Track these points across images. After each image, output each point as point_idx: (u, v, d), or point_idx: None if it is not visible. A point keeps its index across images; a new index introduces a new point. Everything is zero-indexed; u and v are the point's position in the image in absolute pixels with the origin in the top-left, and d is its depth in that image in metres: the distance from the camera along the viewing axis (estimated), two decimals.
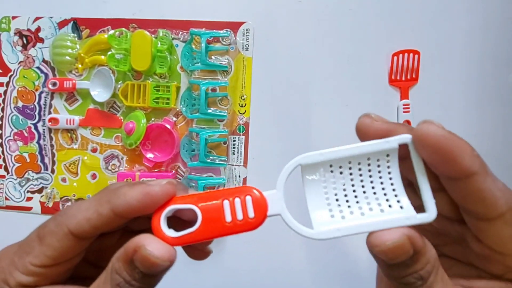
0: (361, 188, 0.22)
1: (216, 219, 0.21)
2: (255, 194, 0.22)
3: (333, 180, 0.22)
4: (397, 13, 0.55)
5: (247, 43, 0.56)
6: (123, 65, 0.55)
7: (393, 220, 0.20)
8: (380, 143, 0.21)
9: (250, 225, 0.21)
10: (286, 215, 0.21)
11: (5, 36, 0.59)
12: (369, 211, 0.21)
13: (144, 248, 0.20)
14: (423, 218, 0.20)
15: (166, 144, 0.56)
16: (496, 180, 0.20)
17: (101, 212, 0.21)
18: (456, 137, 0.19)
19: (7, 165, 0.59)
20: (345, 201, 0.22)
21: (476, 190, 0.19)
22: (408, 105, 0.55)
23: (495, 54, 0.55)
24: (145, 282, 0.20)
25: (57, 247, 0.21)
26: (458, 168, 0.19)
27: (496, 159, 0.55)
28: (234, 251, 0.56)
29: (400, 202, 0.21)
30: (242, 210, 0.21)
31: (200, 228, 0.21)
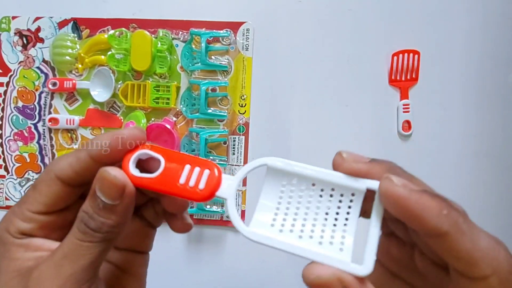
0: (313, 214, 0.21)
1: (172, 176, 0.22)
2: (214, 171, 0.22)
3: (290, 194, 0.22)
4: (397, 13, 0.55)
5: (247, 43, 0.56)
6: (123, 65, 0.55)
7: (325, 256, 0.20)
8: (349, 180, 0.21)
9: (196, 195, 0.22)
10: (231, 202, 0.22)
11: (5, 36, 0.59)
12: (308, 238, 0.21)
13: (103, 170, 0.22)
14: (354, 269, 0.19)
15: (166, 144, 0.56)
16: (478, 238, 0.18)
17: (80, 156, 0.23)
18: (420, 196, 0.18)
19: (7, 165, 0.59)
20: (292, 218, 0.21)
21: (449, 249, 0.18)
22: (408, 105, 0.55)
23: (495, 54, 0.55)
24: (106, 216, 0.22)
25: (48, 193, 0.23)
26: (424, 228, 0.18)
27: (496, 159, 0.55)
28: (234, 251, 0.56)
29: (343, 243, 0.20)
30: (196, 179, 0.22)
31: (157, 178, 0.23)
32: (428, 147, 0.55)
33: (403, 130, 0.55)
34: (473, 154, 0.55)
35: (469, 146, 0.55)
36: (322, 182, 0.21)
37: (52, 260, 0.21)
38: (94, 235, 0.21)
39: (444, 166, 0.54)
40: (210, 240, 0.56)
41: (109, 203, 0.21)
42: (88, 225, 0.21)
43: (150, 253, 0.29)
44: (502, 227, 0.54)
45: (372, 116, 0.55)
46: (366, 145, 0.55)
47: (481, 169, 0.55)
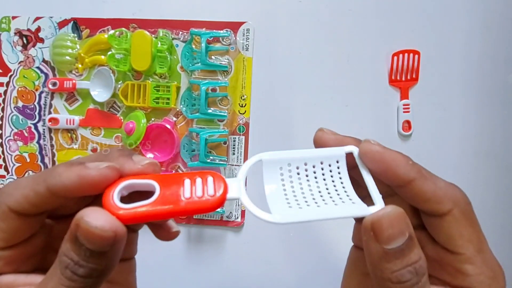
0: (316, 186, 0.24)
1: (173, 194, 0.20)
2: (217, 175, 0.22)
3: (290, 178, 0.24)
4: (397, 13, 0.55)
5: (247, 43, 0.56)
6: (123, 65, 0.55)
7: (348, 209, 0.22)
8: (329, 150, 0.24)
9: (207, 203, 0.20)
10: (245, 199, 0.22)
11: (5, 36, 0.59)
12: (324, 204, 0.23)
13: (82, 220, 0.18)
14: (373, 210, 0.21)
15: (166, 144, 0.56)
16: (437, 181, 0.22)
17: (37, 190, 0.20)
18: (391, 151, 0.22)
19: (7, 165, 0.59)
20: (302, 196, 0.23)
21: (418, 193, 0.22)
22: (408, 105, 0.55)
23: (495, 54, 0.55)
24: (96, 262, 0.19)
25: (4, 228, 0.20)
26: (396, 177, 0.22)
27: (496, 159, 0.55)
28: (234, 251, 0.56)
29: (351, 198, 0.23)
30: (202, 188, 0.21)
31: (156, 202, 0.20)
32: (428, 147, 0.55)
33: (403, 130, 0.55)
34: (473, 154, 0.55)
35: (469, 146, 0.55)
36: (310, 159, 0.24)
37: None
38: (85, 281, 0.19)
39: (444, 166, 0.54)
40: (210, 240, 0.56)
41: (97, 251, 0.19)
42: (76, 273, 0.19)
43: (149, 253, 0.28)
44: (502, 227, 0.54)
45: (372, 116, 0.55)
46: None
47: (481, 169, 0.55)
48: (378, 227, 0.20)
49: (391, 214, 0.20)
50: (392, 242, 0.19)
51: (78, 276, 0.19)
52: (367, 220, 0.20)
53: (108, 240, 0.18)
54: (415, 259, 0.20)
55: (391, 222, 0.20)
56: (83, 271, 0.19)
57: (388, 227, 0.20)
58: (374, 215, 0.20)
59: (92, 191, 0.20)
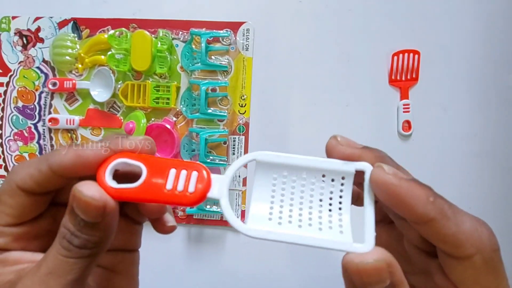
0: (308, 202, 0.21)
1: (157, 183, 0.21)
2: (202, 172, 0.21)
3: (283, 186, 0.22)
4: (397, 13, 0.55)
5: (247, 43, 0.56)
6: (123, 65, 0.55)
7: (328, 241, 0.20)
8: (337, 164, 0.21)
9: (187, 199, 0.21)
10: (225, 202, 0.21)
11: (5, 36, 0.59)
12: (308, 226, 0.21)
13: (76, 190, 0.20)
14: (357, 248, 0.19)
15: (166, 144, 0.56)
16: (462, 221, 0.19)
17: (41, 169, 0.22)
18: (409, 184, 0.19)
19: (7, 165, 0.59)
20: (288, 209, 0.21)
21: (435, 233, 0.19)
22: (408, 105, 0.55)
23: (495, 54, 0.55)
24: (89, 233, 0.20)
25: (13, 204, 0.22)
26: (412, 214, 0.19)
27: (496, 159, 0.55)
28: (234, 251, 0.56)
29: (342, 226, 0.21)
30: (184, 183, 0.21)
31: (140, 187, 0.21)
32: (428, 147, 0.55)
33: (403, 130, 0.55)
34: (473, 154, 0.55)
35: (469, 146, 0.55)
36: (312, 169, 0.21)
37: (36, 275, 0.20)
38: (80, 252, 0.20)
39: (444, 166, 0.54)
40: (210, 240, 0.56)
41: (90, 221, 0.20)
42: (71, 243, 0.20)
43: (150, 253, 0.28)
44: (502, 227, 0.54)
45: (372, 116, 0.55)
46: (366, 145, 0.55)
47: (481, 169, 0.55)
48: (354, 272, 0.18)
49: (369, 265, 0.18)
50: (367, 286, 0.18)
51: (74, 246, 0.20)
52: (343, 260, 0.19)
53: (98, 209, 0.20)
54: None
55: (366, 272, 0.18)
56: (78, 241, 0.20)
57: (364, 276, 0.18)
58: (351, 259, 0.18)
59: (88, 170, 0.22)
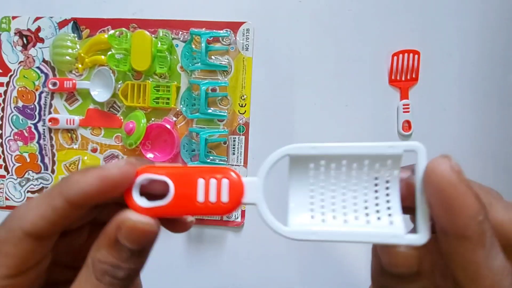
0: (351, 194, 0.20)
1: (188, 196, 0.20)
2: (233, 178, 0.20)
3: (322, 179, 0.20)
4: (397, 13, 0.55)
5: (247, 43, 0.56)
6: (123, 65, 0.55)
7: (378, 234, 0.18)
8: (383, 146, 0.19)
9: (222, 209, 0.20)
10: (262, 206, 0.20)
11: (5, 36, 0.59)
12: (354, 220, 0.19)
13: (128, 220, 0.19)
14: (411, 240, 0.18)
15: (166, 144, 0.56)
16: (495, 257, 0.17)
17: (55, 205, 0.19)
18: (467, 190, 0.17)
19: (7, 165, 0.59)
20: (331, 204, 0.20)
21: (461, 256, 0.17)
22: (408, 105, 0.55)
23: (495, 54, 0.55)
24: (135, 261, 0.19)
25: (17, 254, 0.19)
26: (451, 222, 0.17)
27: (496, 159, 0.55)
28: (234, 251, 0.56)
29: (391, 217, 0.19)
30: (216, 192, 0.20)
31: (171, 203, 0.20)
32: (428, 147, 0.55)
33: (403, 130, 0.55)
34: (473, 154, 0.55)
35: (469, 146, 0.55)
36: (353, 158, 0.19)
37: None
38: (123, 284, 0.19)
39: None
40: (210, 240, 0.56)
41: (138, 249, 0.19)
42: (116, 277, 0.19)
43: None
44: None
45: (372, 116, 0.55)
46: None
47: (481, 169, 0.55)
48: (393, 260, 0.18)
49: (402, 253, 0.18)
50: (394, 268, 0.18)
51: (118, 279, 0.19)
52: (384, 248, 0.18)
53: (153, 234, 0.19)
54: None
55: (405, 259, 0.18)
56: (123, 273, 0.19)
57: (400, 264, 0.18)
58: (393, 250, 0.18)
59: (114, 192, 0.20)
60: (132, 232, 0.19)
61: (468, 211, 0.17)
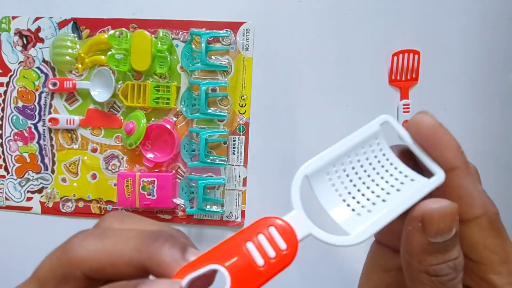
0: (368, 177, 0.22)
1: (246, 268, 0.18)
2: (278, 223, 0.19)
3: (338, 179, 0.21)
4: (397, 13, 0.55)
5: (247, 43, 0.56)
6: (123, 65, 0.55)
7: (413, 193, 0.20)
8: (362, 131, 0.22)
9: (286, 259, 0.18)
10: (317, 232, 0.19)
11: (5, 36, 0.59)
12: (387, 195, 0.21)
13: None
14: (437, 180, 0.20)
15: (166, 144, 0.56)
16: (476, 183, 0.21)
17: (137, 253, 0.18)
18: (446, 131, 0.21)
19: (7, 165, 0.59)
20: (361, 194, 0.21)
21: (455, 185, 0.20)
22: (408, 105, 0.55)
23: (495, 54, 0.55)
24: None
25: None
26: (442, 158, 0.20)
27: (496, 159, 0.55)
28: None
29: (407, 176, 0.21)
30: (271, 246, 0.18)
31: (234, 281, 0.18)
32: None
33: None
34: (473, 154, 0.55)
35: (469, 146, 0.55)
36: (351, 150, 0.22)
37: None
38: None
39: None
40: (210, 240, 0.56)
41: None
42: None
43: None
44: None
45: (372, 116, 0.55)
46: None
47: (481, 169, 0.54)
48: (429, 220, 0.19)
49: (445, 208, 0.19)
50: (439, 237, 0.19)
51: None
52: (418, 210, 0.19)
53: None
54: (455, 255, 0.19)
55: (443, 216, 0.19)
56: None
57: (439, 221, 0.19)
58: (427, 207, 0.19)
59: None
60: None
61: (454, 144, 0.21)
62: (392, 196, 0.21)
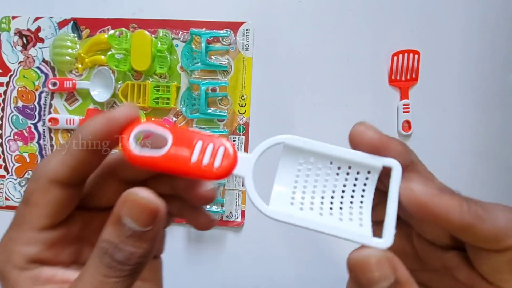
0: (331, 191, 0.21)
1: (183, 154, 0.20)
2: (229, 148, 0.21)
3: (308, 172, 0.21)
4: (397, 13, 0.55)
5: (247, 43, 0.56)
6: (123, 65, 0.55)
7: (347, 231, 0.20)
8: (365, 157, 0.21)
9: (212, 174, 0.20)
10: (249, 180, 0.21)
11: (5, 36, 0.59)
12: (328, 214, 0.21)
13: (132, 193, 0.19)
14: (376, 243, 0.19)
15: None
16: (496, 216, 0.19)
17: (72, 151, 0.20)
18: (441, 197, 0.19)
19: (7, 165, 0.59)
20: (311, 196, 0.21)
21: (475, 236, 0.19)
22: (408, 105, 0.55)
23: (495, 54, 0.55)
24: (135, 244, 0.19)
25: (47, 202, 0.20)
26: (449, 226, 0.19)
27: (496, 159, 0.55)
28: (234, 251, 0.56)
29: (361, 219, 0.21)
30: (210, 156, 0.21)
31: (165, 155, 0.20)
32: (427, 147, 0.55)
33: (403, 130, 0.55)
34: (473, 154, 0.55)
35: (469, 146, 0.55)
36: (339, 160, 0.21)
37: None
38: (122, 269, 0.19)
39: (443, 166, 0.54)
40: (210, 240, 0.56)
41: (139, 230, 0.19)
42: (114, 258, 0.18)
43: None
44: None
45: (372, 116, 0.55)
46: None
47: (481, 169, 0.55)
48: (359, 267, 0.19)
49: (374, 256, 0.18)
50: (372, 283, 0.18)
51: (117, 262, 0.19)
52: (350, 256, 0.19)
53: (153, 213, 0.19)
54: None
55: (373, 264, 0.18)
56: (122, 255, 0.19)
57: (369, 270, 0.18)
58: (357, 254, 0.19)
59: (118, 133, 0.21)
60: (135, 206, 0.19)
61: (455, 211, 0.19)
62: (330, 218, 0.21)
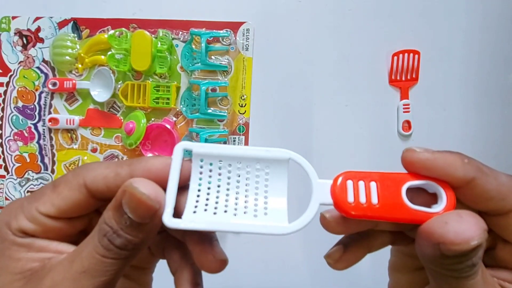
0: (243, 190, 0.21)
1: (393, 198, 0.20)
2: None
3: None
4: (397, 13, 0.55)
5: (247, 43, 0.56)
6: (123, 65, 0.55)
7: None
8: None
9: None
10: None
11: (5, 36, 0.59)
12: (243, 214, 0.21)
13: (130, 186, 0.19)
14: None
15: (166, 144, 0.56)
16: (498, 176, 0.21)
17: (119, 172, 0.20)
18: (441, 154, 0.21)
19: (7, 165, 0.59)
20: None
21: (479, 192, 0.20)
22: (408, 105, 0.55)
23: (495, 54, 0.55)
24: (133, 233, 0.19)
25: (68, 198, 0.21)
26: (454, 179, 0.20)
27: (495, 159, 0.55)
28: (234, 251, 0.56)
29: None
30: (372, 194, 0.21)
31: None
32: (428, 147, 0.55)
33: (403, 130, 0.55)
34: (473, 154, 0.54)
35: (469, 146, 0.55)
36: (245, 159, 0.21)
37: (69, 272, 0.19)
38: (119, 253, 0.19)
39: None
40: None
41: (138, 221, 0.19)
42: (112, 242, 0.19)
43: None
44: None
45: (372, 116, 0.55)
46: (366, 145, 0.55)
47: None
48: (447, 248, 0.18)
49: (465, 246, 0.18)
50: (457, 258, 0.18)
51: (114, 246, 0.19)
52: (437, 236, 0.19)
53: (151, 210, 0.19)
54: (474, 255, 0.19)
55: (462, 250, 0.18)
56: (120, 241, 0.19)
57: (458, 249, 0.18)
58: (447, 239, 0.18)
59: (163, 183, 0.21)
60: (133, 201, 0.19)
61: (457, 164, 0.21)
62: (244, 216, 0.21)
